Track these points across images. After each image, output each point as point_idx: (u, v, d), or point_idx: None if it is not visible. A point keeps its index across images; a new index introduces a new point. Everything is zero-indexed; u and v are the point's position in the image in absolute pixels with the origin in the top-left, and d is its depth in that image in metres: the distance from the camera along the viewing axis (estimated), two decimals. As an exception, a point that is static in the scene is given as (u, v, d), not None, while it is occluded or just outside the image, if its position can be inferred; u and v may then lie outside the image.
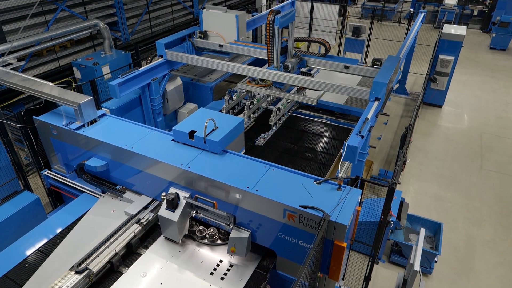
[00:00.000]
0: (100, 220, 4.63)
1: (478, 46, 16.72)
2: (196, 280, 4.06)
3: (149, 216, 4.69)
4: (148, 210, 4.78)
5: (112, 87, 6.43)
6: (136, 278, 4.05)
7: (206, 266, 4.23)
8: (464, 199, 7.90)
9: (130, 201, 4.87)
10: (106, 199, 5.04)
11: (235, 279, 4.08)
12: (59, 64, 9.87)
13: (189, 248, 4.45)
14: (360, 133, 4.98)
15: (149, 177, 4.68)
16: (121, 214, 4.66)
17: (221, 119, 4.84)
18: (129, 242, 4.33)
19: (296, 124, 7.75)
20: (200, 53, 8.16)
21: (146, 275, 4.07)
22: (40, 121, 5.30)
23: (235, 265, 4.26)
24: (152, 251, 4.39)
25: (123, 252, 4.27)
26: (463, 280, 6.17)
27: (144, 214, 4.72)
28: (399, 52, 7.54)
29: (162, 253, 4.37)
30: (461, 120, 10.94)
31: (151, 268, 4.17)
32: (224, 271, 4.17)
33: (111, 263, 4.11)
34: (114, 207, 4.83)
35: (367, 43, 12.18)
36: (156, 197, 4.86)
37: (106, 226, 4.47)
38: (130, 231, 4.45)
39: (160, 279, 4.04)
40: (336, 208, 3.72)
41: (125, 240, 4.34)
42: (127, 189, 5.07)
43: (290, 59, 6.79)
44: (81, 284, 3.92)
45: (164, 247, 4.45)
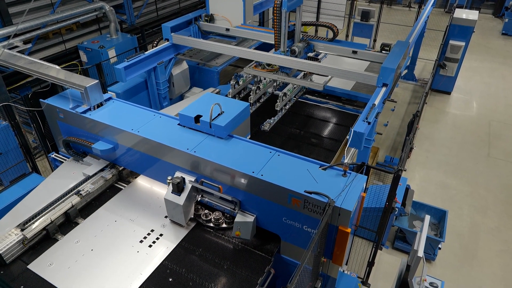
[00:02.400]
0: (59, 181, 5.05)
1: (490, 31, 16.36)
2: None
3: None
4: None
5: (118, 70, 6.42)
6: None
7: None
8: (470, 187, 7.87)
9: (89, 164, 5.31)
10: (69, 163, 5.52)
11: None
12: (65, 47, 9.86)
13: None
14: (366, 119, 4.94)
15: (155, 161, 4.71)
16: (80, 175, 5.16)
17: (227, 104, 4.82)
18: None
19: (302, 109, 7.71)
20: (206, 37, 8.08)
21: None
22: (47, 104, 5.33)
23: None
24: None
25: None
26: (466, 267, 6.20)
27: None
28: (409, 37, 7.41)
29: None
30: (470, 107, 10.80)
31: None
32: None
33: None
34: (74, 169, 5.30)
35: (376, 27, 11.97)
36: (162, 181, 4.90)
37: (65, 185, 4.95)
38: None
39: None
40: (341, 194, 3.73)
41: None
42: (88, 154, 5.44)
43: (297, 44, 6.71)
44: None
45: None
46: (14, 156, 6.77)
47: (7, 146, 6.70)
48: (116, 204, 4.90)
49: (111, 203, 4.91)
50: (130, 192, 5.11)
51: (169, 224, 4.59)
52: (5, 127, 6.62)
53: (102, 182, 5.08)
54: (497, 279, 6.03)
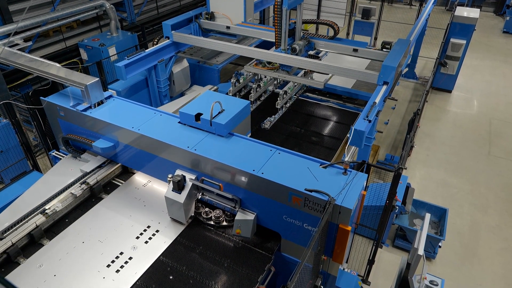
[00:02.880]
0: (57, 178, 5.05)
1: (491, 29, 16.31)
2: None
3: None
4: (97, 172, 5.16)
5: (119, 68, 6.41)
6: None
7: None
8: (470, 185, 7.86)
9: (87, 160, 5.31)
10: (67, 159, 5.53)
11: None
12: (66, 45, 9.85)
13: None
14: (367, 118, 4.94)
15: (156, 159, 4.71)
16: (77, 172, 5.16)
17: (227, 102, 4.82)
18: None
19: (302, 107, 7.70)
20: (207, 34, 8.07)
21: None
22: (47, 102, 5.33)
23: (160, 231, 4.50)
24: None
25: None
26: (467, 265, 6.20)
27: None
28: (410, 35, 7.39)
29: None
30: (471, 106, 10.79)
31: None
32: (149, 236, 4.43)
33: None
34: (72, 166, 5.30)
35: (377, 25, 11.94)
36: (163, 179, 4.90)
37: (62, 181, 4.93)
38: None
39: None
40: (342, 192, 3.73)
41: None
42: (86, 150, 5.46)
43: (298, 42, 6.70)
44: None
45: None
46: (15, 154, 6.77)
47: (8, 144, 6.71)
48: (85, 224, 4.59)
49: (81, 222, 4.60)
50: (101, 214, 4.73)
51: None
52: (5, 125, 6.62)
53: (72, 199, 4.75)
54: (498, 277, 6.03)
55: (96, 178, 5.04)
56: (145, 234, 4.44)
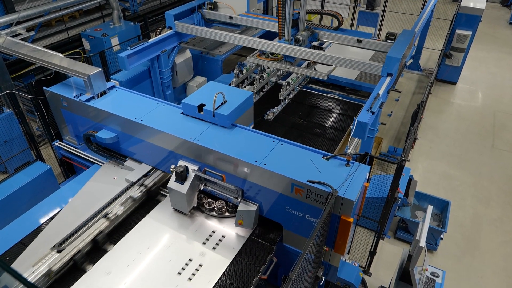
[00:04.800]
0: (102, 187, 4.77)
1: (497, 21, 16.10)
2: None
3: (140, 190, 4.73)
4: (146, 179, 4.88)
5: (121, 59, 6.39)
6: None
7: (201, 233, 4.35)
8: (473, 178, 7.84)
9: (131, 169, 5.02)
10: (108, 166, 5.18)
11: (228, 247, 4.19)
12: (68, 35, 9.82)
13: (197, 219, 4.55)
14: (370, 109, 4.91)
15: (158, 150, 4.72)
16: (122, 181, 4.84)
17: (230, 93, 4.80)
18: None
19: (306, 99, 7.67)
20: (209, 25, 8.01)
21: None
22: (50, 92, 5.33)
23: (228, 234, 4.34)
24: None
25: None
26: (468, 258, 6.22)
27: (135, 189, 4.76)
28: (415, 26, 7.31)
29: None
30: (475, 98, 10.70)
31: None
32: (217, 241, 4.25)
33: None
34: (115, 174, 4.99)
35: (382, 16, 11.79)
36: (166, 169, 4.92)
37: (108, 192, 4.61)
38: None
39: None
40: (344, 183, 3.73)
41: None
42: (128, 158, 5.20)
43: (301, 32, 6.64)
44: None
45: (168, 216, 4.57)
46: (19, 144, 6.80)
47: (11, 134, 6.74)
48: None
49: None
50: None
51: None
52: (9, 115, 6.64)
53: (130, 202, 4.61)
54: (499, 269, 6.05)
55: (153, 180, 4.83)
56: (211, 240, 4.26)
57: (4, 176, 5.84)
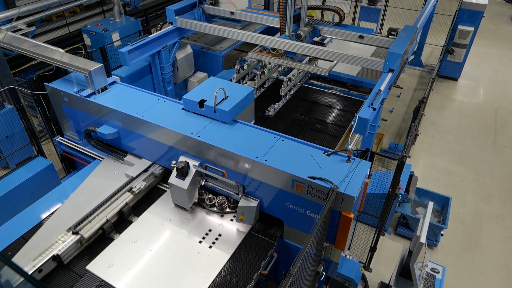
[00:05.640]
0: (102, 182, 4.82)
1: (500, 16, 16.01)
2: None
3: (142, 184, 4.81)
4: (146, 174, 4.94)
5: (122, 54, 6.38)
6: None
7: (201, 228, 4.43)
8: (474, 174, 7.84)
9: (131, 164, 5.04)
10: (108, 162, 5.24)
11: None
12: (69, 30, 9.79)
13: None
14: (372, 105, 4.90)
15: (159, 146, 4.72)
16: (122, 176, 4.88)
17: (231, 89, 4.79)
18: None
19: (307, 95, 7.66)
20: (210, 20, 7.98)
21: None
22: (51, 87, 5.33)
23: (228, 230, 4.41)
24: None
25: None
26: (468, 254, 6.23)
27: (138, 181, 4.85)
28: (416, 22, 7.27)
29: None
30: (477, 94, 10.67)
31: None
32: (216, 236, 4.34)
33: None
34: (115, 169, 5.04)
35: (383, 12, 11.73)
36: (166, 165, 4.92)
37: (108, 187, 4.66)
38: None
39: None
40: (345, 179, 3.73)
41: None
42: (128, 153, 5.22)
43: (302, 28, 6.61)
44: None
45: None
46: (20, 140, 6.81)
47: (12, 130, 6.74)
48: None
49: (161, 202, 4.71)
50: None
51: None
52: (10, 111, 6.64)
53: (152, 178, 4.87)
54: (500, 265, 6.06)
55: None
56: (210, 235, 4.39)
57: (5, 172, 5.85)
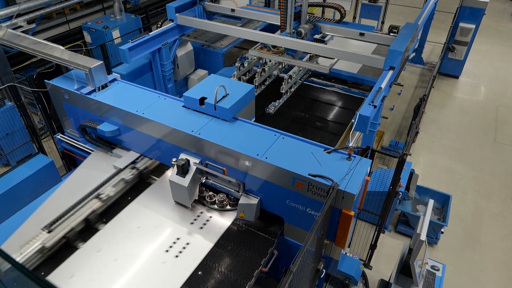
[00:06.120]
0: (90, 173, 4.91)
1: (501, 14, 15.96)
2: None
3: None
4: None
5: (123, 51, 6.37)
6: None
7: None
8: (475, 172, 7.83)
9: (119, 156, 5.15)
10: (97, 154, 5.37)
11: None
12: (69, 27, 9.77)
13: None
14: (372, 103, 4.89)
15: (160, 143, 4.73)
16: (110, 168, 5.00)
17: (232, 86, 4.79)
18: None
19: (307, 92, 7.64)
20: (211, 17, 7.96)
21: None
22: (52, 85, 5.32)
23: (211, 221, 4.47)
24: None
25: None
26: (468, 252, 6.24)
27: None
28: (417, 19, 7.25)
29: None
30: (478, 92, 10.65)
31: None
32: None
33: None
34: (104, 161, 5.15)
35: (384, 9, 11.70)
36: (167, 162, 4.92)
37: (96, 178, 4.77)
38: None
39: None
40: (345, 177, 3.73)
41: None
42: (117, 145, 5.32)
43: (303, 25, 6.59)
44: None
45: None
46: (20, 137, 6.81)
47: (13, 127, 6.74)
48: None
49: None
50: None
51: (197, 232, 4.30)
52: (10, 108, 6.64)
53: (123, 184, 4.78)
54: (500, 263, 6.06)
55: (145, 164, 5.01)
56: (199, 219, 4.46)
57: (6, 169, 5.86)
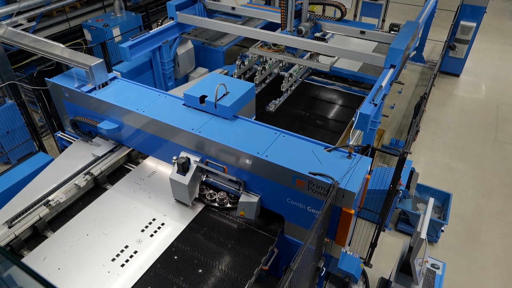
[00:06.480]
0: (70, 162, 5.11)
1: (502, 12, 15.92)
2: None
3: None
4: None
5: (123, 49, 6.36)
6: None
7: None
8: (475, 171, 7.83)
9: (98, 144, 5.35)
10: (78, 143, 5.59)
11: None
12: (69, 25, 9.77)
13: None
14: (373, 101, 4.89)
15: (160, 141, 4.73)
16: (89, 156, 5.21)
17: (232, 84, 4.78)
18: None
19: (308, 91, 7.64)
20: (211, 15, 7.95)
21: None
22: (52, 83, 5.32)
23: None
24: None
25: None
26: (469, 250, 6.24)
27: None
28: (418, 17, 7.23)
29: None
30: (478, 90, 10.63)
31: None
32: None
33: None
34: (84, 150, 5.35)
35: (385, 7, 11.67)
36: (167, 160, 4.93)
37: (75, 166, 4.98)
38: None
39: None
40: (346, 175, 3.73)
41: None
42: (96, 134, 5.49)
43: (304, 23, 6.58)
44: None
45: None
46: (21, 135, 6.81)
47: (13, 125, 6.74)
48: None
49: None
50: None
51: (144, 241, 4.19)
52: (11, 106, 6.64)
53: (75, 190, 4.66)
54: (500, 261, 6.07)
55: (100, 168, 4.90)
56: (153, 224, 4.38)
57: (6, 167, 5.87)
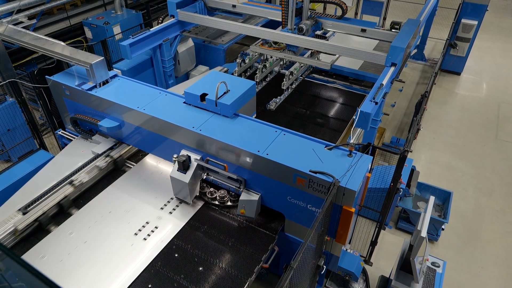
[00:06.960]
0: (68, 159, 5.17)
1: (504, 10, 15.86)
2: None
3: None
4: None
5: (124, 47, 6.36)
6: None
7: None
8: (476, 169, 7.83)
9: (98, 142, 5.37)
10: (78, 141, 5.62)
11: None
12: (70, 23, 9.75)
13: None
14: (374, 100, 4.88)
15: (161, 139, 4.73)
16: (89, 153, 5.27)
17: (233, 82, 4.78)
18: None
19: (308, 89, 7.63)
20: (212, 13, 7.94)
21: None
22: (53, 81, 5.32)
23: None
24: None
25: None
26: (469, 248, 6.24)
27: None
28: (420, 16, 7.21)
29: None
30: (479, 89, 10.61)
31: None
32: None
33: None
34: (83, 147, 5.41)
35: (386, 5, 11.63)
36: (168, 158, 4.93)
37: (74, 163, 5.05)
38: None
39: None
40: (346, 174, 3.73)
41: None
42: (96, 132, 5.49)
43: (305, 21, 6.57)
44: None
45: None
46: (22, 133, 6.82)
47: (14, 123, 6.75)
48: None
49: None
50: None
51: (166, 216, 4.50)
52: (12, 104, 6.64)
53: (97, 171, 4.97)
54: (500, 260, 6.07)
55: (120, 152, 5.21)
56: (169, 205, 4.64)
57: (7, 165, 5.87)
